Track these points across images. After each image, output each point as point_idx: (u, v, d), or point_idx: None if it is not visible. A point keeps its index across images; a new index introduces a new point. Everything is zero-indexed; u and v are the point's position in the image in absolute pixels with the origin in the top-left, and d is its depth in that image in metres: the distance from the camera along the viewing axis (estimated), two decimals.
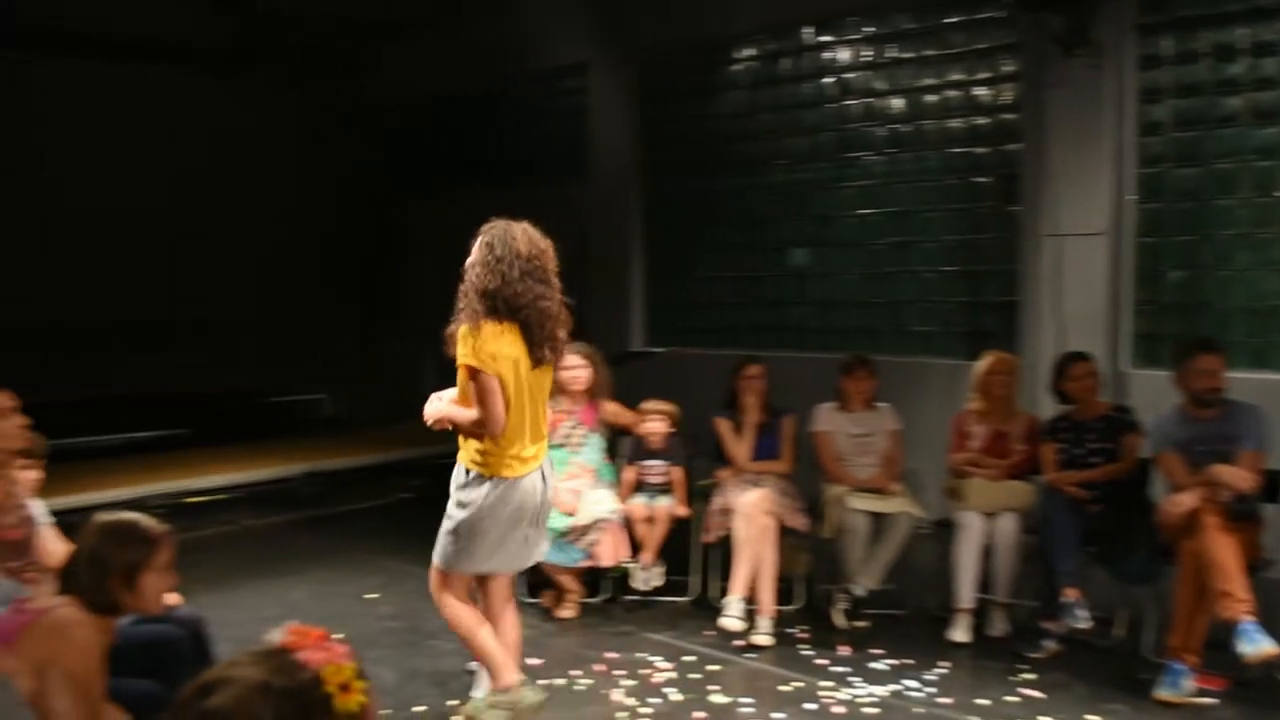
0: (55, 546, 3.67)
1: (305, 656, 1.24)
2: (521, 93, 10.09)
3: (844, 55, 7.74)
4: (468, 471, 3.67)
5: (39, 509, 3.77)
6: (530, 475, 3.66)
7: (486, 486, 3.61)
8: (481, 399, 3.52)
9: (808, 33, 7.90)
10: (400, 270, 10.99)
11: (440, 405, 3.71)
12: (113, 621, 2.74)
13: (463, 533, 3.66)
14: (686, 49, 8.60)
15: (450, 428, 3.71)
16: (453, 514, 3.70)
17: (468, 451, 3.68)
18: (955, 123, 7.21)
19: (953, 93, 7.20)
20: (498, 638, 3.85)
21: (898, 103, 7.47)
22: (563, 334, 3.72)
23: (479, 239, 3.66)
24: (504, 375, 3.54)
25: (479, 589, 3.96)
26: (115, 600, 2.67)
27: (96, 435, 9.14)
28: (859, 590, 5.18)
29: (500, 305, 3.54)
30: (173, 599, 3.28)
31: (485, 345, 3.50)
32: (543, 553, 4.01)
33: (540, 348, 3.61)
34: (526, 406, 3.62)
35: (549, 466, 3.81)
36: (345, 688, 1.23)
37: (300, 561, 6.31)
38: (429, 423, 3.72)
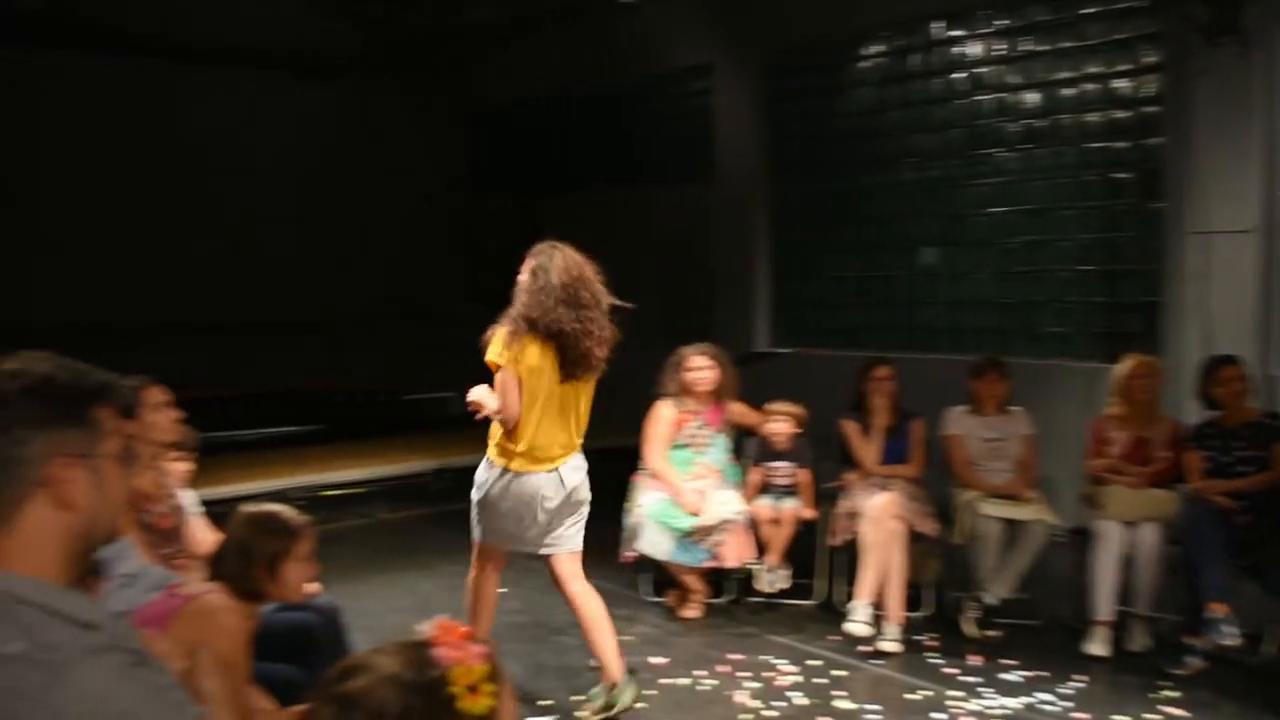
0: (204, 535, 3.83)
1: (440, 654, 1.25)
2: (647, 94, 10.14)
3: (975, 49, 7.55)
4: (488, 459, 4.10)
5: (189, 499, 3.95)
6: (540, 474, 3.99)
7: (494, 473, 4.04)
8: (500, 392, 3.95)
9: (937, 27, 7.74)
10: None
11: (482, 390, 4.00)
12: (257, 608, 2.84)
13: (475, 508, 4.16)
14: (813, 47, 8.52)
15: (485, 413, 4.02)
16: (472, 493, 4.17)
17: (491, 442, 4.11)
18: (1093, 116, 6.96)
19: (1090, 85, 6.96)
20: (575, 613, 4.17)
21: (1032, 97, 7.25)
22: (600, 352, 3.98)
23: (527, 262, 4.02)
24: (524, 378, 3.92)
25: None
26: (259, 587, 2.77)
27: (242, 430, 9.55)
28: (991, 599, 5.03)
29: (539, 328, 3.91)
30: (312, 588, 3.38)
31: (511, 348, 3.92)
32: (572, 539, 4.18)
33: (573, 366, 3.96)
34: (543, 412, 3.96)
35: (572, 470, 4.06)
36: (473, 689, 1.24)
37: (430, 555, 6.45)
38: (469, 404, 4.00)
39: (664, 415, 5.57)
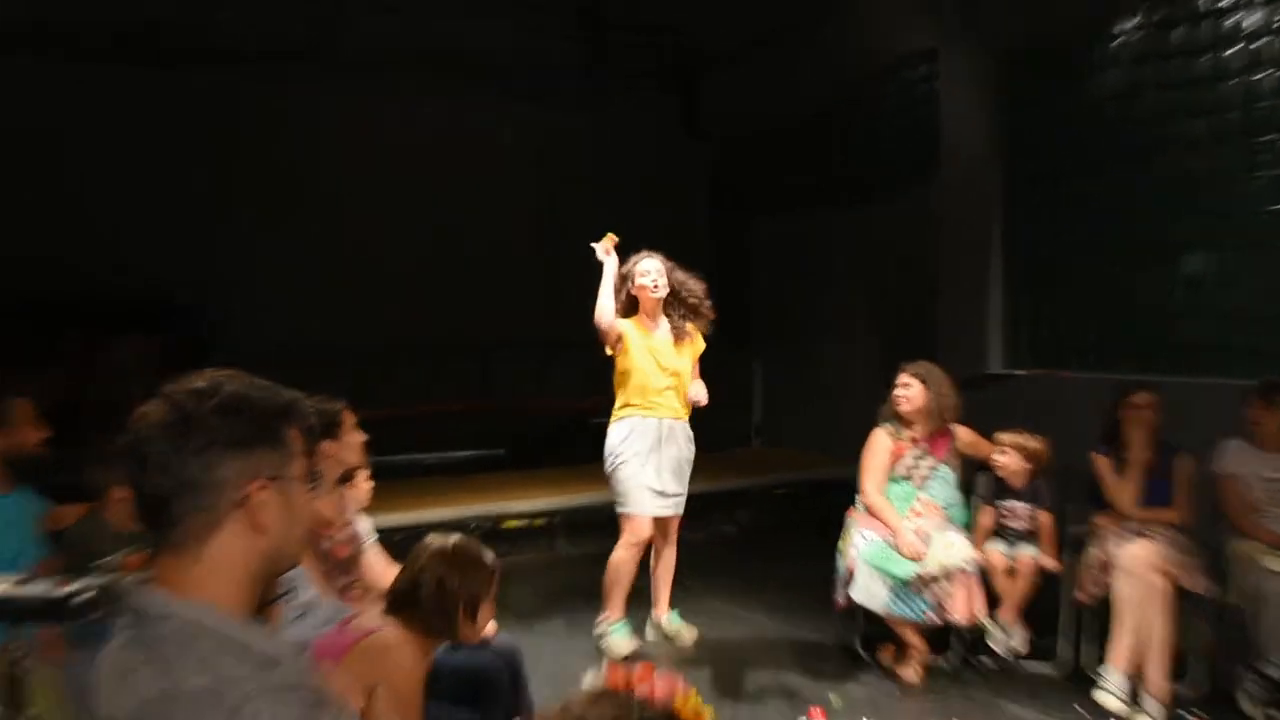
0: (381, 566, 3.96)
1: (649, 691, 1.25)
2: (864, 96, 10.13)
3: (1253, 18, 7.08)
4: None
5: (366, 526, 4.09)
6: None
7: None
8: None
9: None
10: (737, 289, 11.34)
11: None
12: (434, 646, 2.91)
13: None
14: (1055, 25, 8.20)
15: None
16: None
17: None
18: None
19: None
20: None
21: None
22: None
23: None
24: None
25: None
26: (454, 627, 2.84)
27: (419, 454, 9.93)
28: (1275, 672, 4.66)
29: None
30: (490, 628, 3.44)
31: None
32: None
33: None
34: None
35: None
36: (698, 714, 1.29)
37: None
38: None
39: (880, 444, 5.44)
